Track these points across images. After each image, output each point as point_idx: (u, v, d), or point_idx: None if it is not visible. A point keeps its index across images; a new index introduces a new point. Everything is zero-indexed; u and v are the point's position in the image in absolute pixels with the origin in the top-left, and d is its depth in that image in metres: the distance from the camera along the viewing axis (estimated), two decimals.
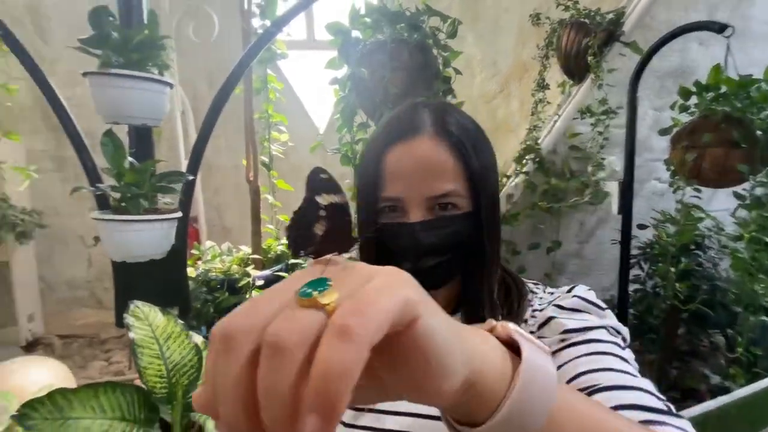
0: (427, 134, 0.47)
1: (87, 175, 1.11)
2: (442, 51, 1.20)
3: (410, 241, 0.47)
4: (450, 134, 0.46)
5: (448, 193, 0.46)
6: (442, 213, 0.47)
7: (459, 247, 0.48)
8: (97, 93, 0.94)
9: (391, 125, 0.50)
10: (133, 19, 1.07)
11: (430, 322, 0.20)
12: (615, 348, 0.40)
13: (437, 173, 0.46)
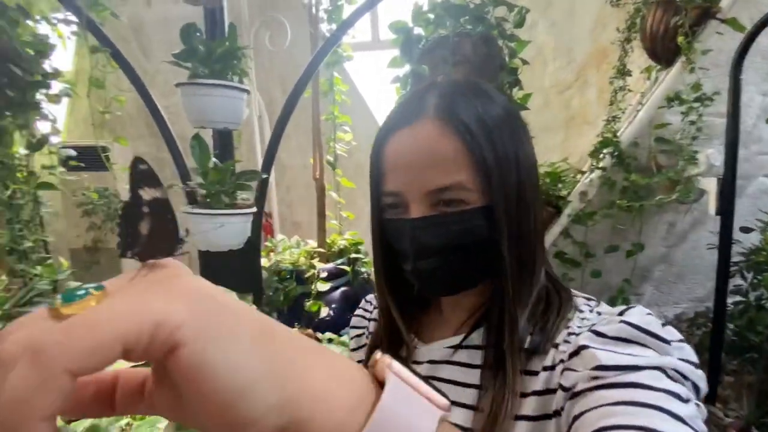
0: (429, 118, 0.40)
1: (179, 174, 1.25)
2: (508, 41, 1.16)
3: (407, 240, 0.42)
4: (456, 118, 0.40)
5: (450, 186, 0.40)
6: (445, 209, 0.40)
7: (466, 249, 0.41)
8: (187, 101, 1.06)
9: (395, 109, 0.44)
10: (216, 33, 1.19)
11: (200, 353, 0.16)
12: (669, 400, 0.28)
13: (438, 163, 0.39)
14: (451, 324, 0.47)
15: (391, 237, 0.44)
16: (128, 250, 0.23)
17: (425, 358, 0.46)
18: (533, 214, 0.42)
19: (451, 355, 0.44)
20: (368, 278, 1.93)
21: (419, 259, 0.42)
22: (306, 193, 3.08)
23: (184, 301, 0.16)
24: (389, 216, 0.44)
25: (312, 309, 1.59)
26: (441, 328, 0.48)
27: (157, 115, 1.20)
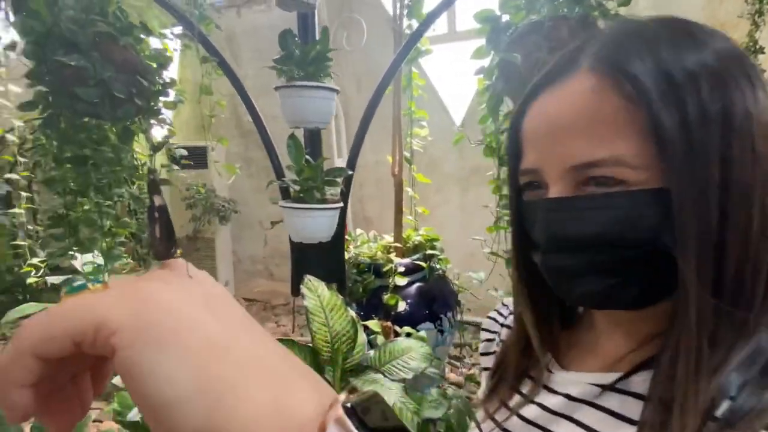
0: (580, 72, 0.31)
1: (274, 170, 1.35)
2: (610, 22, 1.06)
3: (540, 227, 0.33)
4: (621, 68, 0.29)
5: (603, 161, 0.29)
6: (594, 190, 0.30)
7: (619, 247, 0.29)
8: (285, 102, 1.14)
9: (544, 68, 0.35)
10: (308, 37, 1.25)
11: (131, 360, 0.16)
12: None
13: (588, 129, 0.29)
14: (606, 353, 0.35)
15: (527, 224, 0.36)
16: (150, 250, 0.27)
17: (562, 389, 0.36)
18: (756, 214, 0.27)
19: (597, 396, 0.33)
20: (443, 275, 1.92)
21: (549, 252, 0.33)
22: (376, 189, 3.15)
23: (131, 308, 0.17)
24: (527, 198, 0.36)
25: (390, 302, 1.63)
26: (589, 355, 0.37)
27: (255, 117, 1.30)
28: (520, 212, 0.37)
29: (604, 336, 0.36)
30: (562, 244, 0.32)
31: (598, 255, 0.31)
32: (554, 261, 0.33)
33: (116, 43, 1.31)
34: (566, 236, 0.32)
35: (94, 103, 1.26)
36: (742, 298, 0.28)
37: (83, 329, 0.16)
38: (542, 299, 0.39)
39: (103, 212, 1.36)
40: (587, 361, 0.37)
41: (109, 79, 1.26)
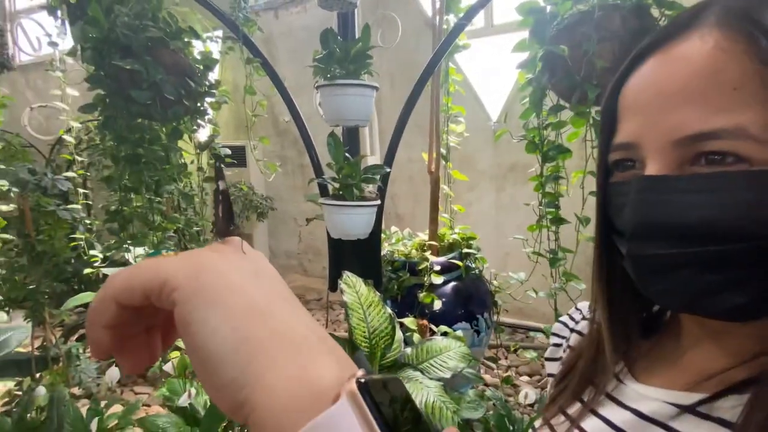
0: (707, 27, 0.26)
1: (313, 168, 1.37)
2: (666, 9, 1.00)
3: (630, 209, 0.28)
4: (754, 21, 0.24)
5: (720, 132, 0.24)
6: (703, 169, 0.25)
7: (732, 239, 0.24)
8: (326, 101, 1.15)
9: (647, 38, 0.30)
10: (348, 35, 1.26)
11: (187, 315, 0.19)
12: None
13: (704, 95, 0.25)
14: (692, 369, 0.30)
15: (613, 209, 0.31)
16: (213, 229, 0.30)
17: (632, 404, 0.31)
18: None
19: (672, 418, 0.28)
20: (479, 274, 1.89)
21: (638, 238, 0.28)
22: (409, 186, 3.14)
23: (190, 271, 0.20)
24: (615, 179, 0.31)
25: (425, 301, 1.62)
26: (671, 369, 0.32)
27: (296, 116, 1.33)
28: (607, 196, 0.32)
29: (692, 349, 0.31)
30: (656, 230, 0.27)
31: (702, 247, 0.25)
32: (643, 249, 0.27)
33: (167, 47, 1.38)
34: (662, 221, 0.26)
35: (147, 104, 1.33)
36: None
37: (152, 284, 0.20)
38: (622, 300, 0.34)
39: (154, 208, 1.44)
40: (667, 375, 0.31)
41: (161, 82, 1.33)
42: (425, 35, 2.85)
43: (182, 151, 1.53)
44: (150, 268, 0.20)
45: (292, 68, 3.11)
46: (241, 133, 3.71)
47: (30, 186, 1.45)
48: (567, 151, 1.20)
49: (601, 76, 1.03)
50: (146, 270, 0.20)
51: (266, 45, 3.33)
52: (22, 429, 1.30)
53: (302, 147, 3.58)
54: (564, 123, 1.27)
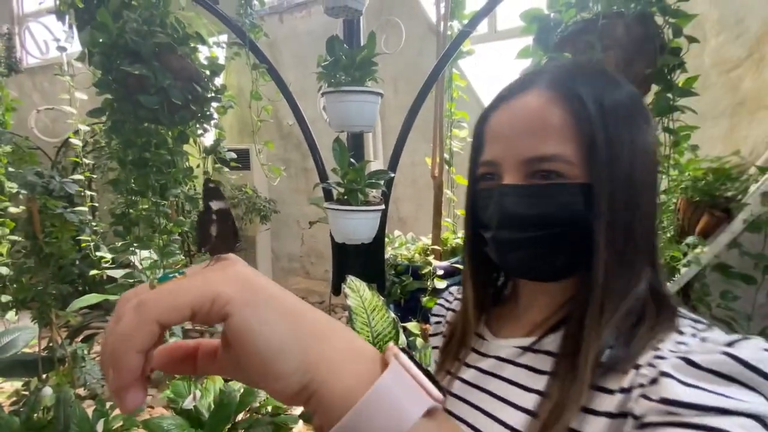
0: (538, 88, 0.39)
1: (318, 173, 1.38)
2: (671, 17, 1.01)
3: (494, 208, 0.41)
4: (570, 89, 0.38)
5: (550, 157, 0.37)
6: (540, 181, 0.39)
7: (555, 227, 0.38)
8: (331, 107, 1.16)
9: (501, 90, 0.43)
10: (353, 42, 1.28)
11: (245, 319, 0.21)
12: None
13: (541, 131, 0.38)
14: (526, 322, 0.45)
15: (480, 208, 0.44)
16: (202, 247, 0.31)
17: (494, 353, 0.45)
18: (643, 209, 0.39)
19: (518, 356, 0.42)
20: None
21: (501, 228, 0.41)
22: (411, 190, 3.15)
23: (234, 284, 0.22)
24: (481, 186, 0.44)
25: (428, 305, 1.62)
26: (515, 325, 0.46)
27: (301, 121, 1.34)
28: (474, 199, 0.45)
29: (526, 308, 0.46)
30: (513, 220, 0.40)
31: (538, 231, 0.39)
32: (504, 235, 0.41)
33: (174, 52, 1.40)
34: (517, 215, 0.40)
35: (155, 109, 1.35)
36: (628, 271, 0.37)
37: (202, 300, 0.21)
38: (484, 279, 0.48)
39: (160, 212, 1.45)
40: (514, 329, 0.46)
41: (169, 87, 1.34)
42: (429, 41, 2.86)
43: (188, 155, 1.55)
44: (196, 287, 0.22)
45: (296, 72, 3.13)
46: (245, 137, 3.74)
47: (38, 189, 1.47)
48: None
49: None
50: (193, 289, 0.21)
51: (270, 49, 3.36)
52: (29, 428, 1.31)
53: (305, 150, 3.59)
54: None
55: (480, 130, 0.44)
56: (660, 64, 1.03)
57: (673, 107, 1.07)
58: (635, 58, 1.03)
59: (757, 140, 1.59)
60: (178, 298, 0.21)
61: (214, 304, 0.21)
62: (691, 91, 1.06)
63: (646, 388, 0.31)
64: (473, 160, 0.45)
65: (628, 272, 0.37)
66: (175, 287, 0.22)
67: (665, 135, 1.13)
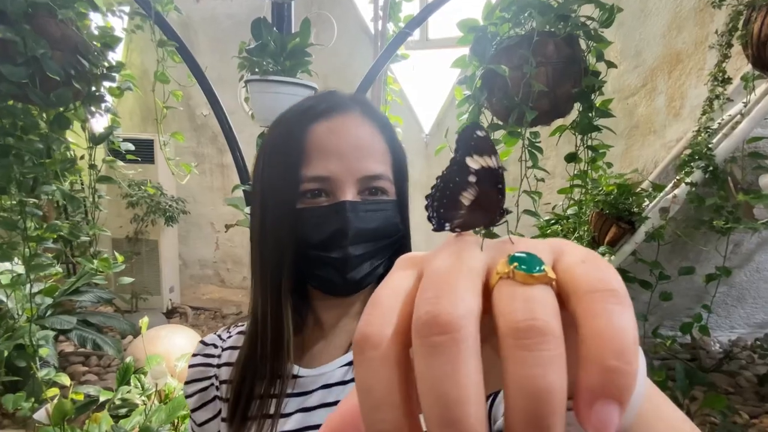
0: (355, 113, 0.43)
1: (238, 172, 1.22)
2: (594, 42, 1.07)
3: (340, 223, 0.40)
4: (377, 117, 0.44)
5: (380, 175, 0.43)
6: (369, 198, 0.43)
7: (386, 237, 0.44)
8: (256, 98, 1.02)
9: (310, 104, 0.44)
10: (283, 28, 1.15)
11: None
12: None
13: (370, 153, 0.42)
14: (341, 342, 0.45)
15: (309, 226, 0.41)
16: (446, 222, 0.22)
17: (316, 385, 0.43)
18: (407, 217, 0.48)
19: (347, 374, 0.43)
20: None
21: (350, 245, 0.41)
22: None
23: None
24: (306, 205, 0.41)
25: None
26: (328, 350, 0.45)
27: (218, 110, 1.17)
28: (299, 217, 0.41)
29: (333, 327, 0.45)
30: (359, 236, 0.41)
31: (373, 244, 0.42)
32: (352, 251, 0.41)
33: (53, 15, 1.12)
34: (362, 230, 0.41)
35: (22, 83, 1.06)
36: None
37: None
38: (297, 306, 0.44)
39: (27, 213, 1.15)
40: (330, 352, 0.44)
41: (43, 57, 1.07)
42: (362, 42, 2.80)
43: (70, 143, 1.26)
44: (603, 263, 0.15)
45: (213, 58, 2.82)
46: (149, 125, 3.28)
47: None
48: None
49: (537, 99, 1.07)
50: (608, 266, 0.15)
51: (185, 30, 3.00)
52: None
53: (222, 145, 3.29)
54: (498, 141, 1.30)
55: (298, 144, 0.41)
56: (584, 84, 1.09)
57: (594, 126, 1.14)
58: (564, 76, 1.08)
59: (647, 160, 1.82)
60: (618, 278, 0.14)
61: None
62: (608, 112, 1.15)
63: None
64: (290, 173, 0.41)
65: None
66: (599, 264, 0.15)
67: (585, 151, 1.21)
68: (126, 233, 2.72)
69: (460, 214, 0.22)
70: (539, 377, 0.12)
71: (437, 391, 0.12)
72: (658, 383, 1.53)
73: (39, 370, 1.32)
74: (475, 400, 0.12)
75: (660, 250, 1.39)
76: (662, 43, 1.69)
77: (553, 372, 0.12)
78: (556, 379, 0.12)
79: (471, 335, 0.13)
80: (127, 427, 1.14)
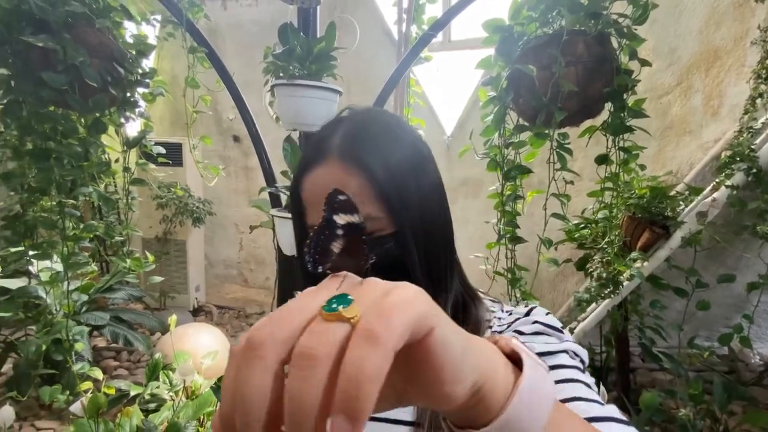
0: (333, 159, 0.45)
1: (264, 175, 1.24)
2: (627, 40, 1.04)
3: None
4: (358, 158, 0.44)
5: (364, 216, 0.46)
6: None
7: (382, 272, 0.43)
8: (283, 102, 1.04)
9: (307, 149, 0.49)
10: (309, 32, 1.16)
11: (444, 332, 0.22)
12: (578, 373, 0.40)
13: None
14: None
15: None
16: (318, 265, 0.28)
17: None
18: (440, 233, 0.47)
19: None
20: None
21: None
22: None
23: (425, 298, 0.22)
24: None
25: None
26: None
27: (245, 114, 1.20)
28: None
29: None
30: None
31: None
32: None
33: (91, 25, 1.17)
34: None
35: (63, 90, 1.12)
36: (443, 285, 0.46)
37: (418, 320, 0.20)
38: None
39: (66, 213, 1.21)
40: None
41: (82, 65, 1.12)
42: (384, 46, 2.81)
43: (106, 147, 1.32)
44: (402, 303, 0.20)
45: (239, 63, 2.89)
46: (177, 129, 3.38)
47: None
48: (528, 171, 1.20)
49: (566, 99, 1.04)
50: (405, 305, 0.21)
51: (212, 36, 3.08)
52: None
53: (247, 148, 3.35)
54: (524, 143, 1.28)
55: (297, 192, 0.48)
56: (617, 84, 1.06)
57: (627, 127, 1.10)
58: (595, 75, 1.05)
59: (682, 161, 1.74)
60: (401, 320, 0.19)
61: (422, 322, 0.21)
62: (642, 111, 1.11)
63: None
64: (299, 219, 0.49)
65: (443, 287, 0.47)
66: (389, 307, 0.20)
67: (617, 153, 1.17)
68: (155, 233, 2.82)
69: (331, 260, 0.27)
70: (296, 388, 0.17)
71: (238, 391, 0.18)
72: (694, 396, 1.46)
73: (74, 363, 1.38)
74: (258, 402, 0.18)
75: (696, 257, 1.32)
76: (699, 40, 1.62)
77: (308, 387, 0.17)
78: (307, 390, 0.17)
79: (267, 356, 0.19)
80: (156, 422, 1.17)
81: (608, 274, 1.35)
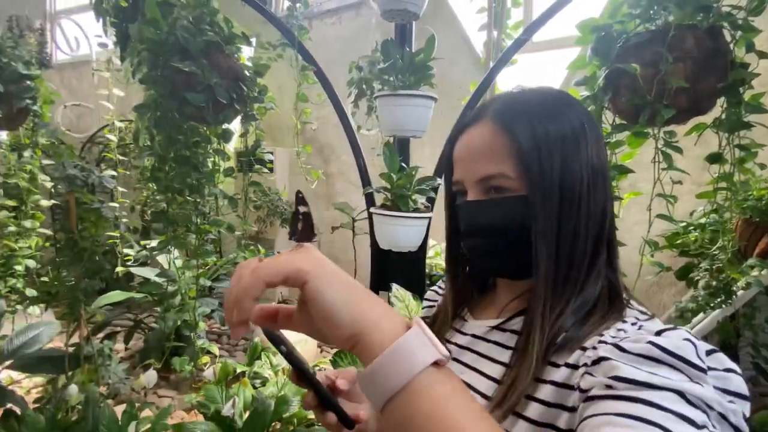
0: (486, 120, 0.48)
1: (361, 177, 1.35)
2: (742, 31, 0.98)
3: (461, 221, 0.51)
4: (507, 120, 0.46)
5: (495, 175, 0.46)
6: (493, 195, 0.47)
7: (506, 233, 0.47)
8: (384, 111, 1.14)
9: (466, 115, 0.53)
10: (404, 45, 1.26)
11: (317, 286, 0.31)
12: (678, 423, 0.29)
13: (484, 156, 0.47)
14: (498, 306, 0.53)
15: (457, 220, 0.52)
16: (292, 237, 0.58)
17: (470, 332, 0.53)
18: (583, 217, 0.45)
19: (488, 333, 0.51)
20: None
21: (467, 237, 0.50)
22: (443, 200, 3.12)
23: (311, 261, 0.32)
24: (458, 202, 0.52)
25: None
26: (490, 309, 0.54)
27: (346, 125, 1.32)
28: (454, 212, 0.53)
29: (499, 295, 0.54)
30: (475, 231, 0.49)
31: (494, 238, 0.48)
32: (470, 243, 0.51)
33: (222, 51, 1.39)
34: (477, 226, 0.49)
35: (200, 107, 1.34)
36: (570, 268, 0.45)
37: (291, 272, 0.31)
38: (461, 274, 0.58)
39: (198, 210, 1.43)
40: (490, 312, 0.54)
41: (215, 85, 1.33)
42: (460, 52, 2.86)
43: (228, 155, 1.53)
44: (289, 261, 0.31)
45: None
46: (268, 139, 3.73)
47: (78, 182, 1.45)
48: (629, 170, 1.17)
49: (673, 96, 1.01)
50: (286, 263, 0.31)
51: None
52: (55, 427, 1.28)
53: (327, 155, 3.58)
54: (622, 142, 1.24)
55: (449, 152, 0.52)
56: (732, 78, 1.00)
57: (744, 123, 1.03)
58: (706, 71, 1.00)
59: None
60: (278, 268, 0.31)
61: (299, 274, 0.31)
62: (761, 106, 1.03)
63: (590, 368, 0.37)
64: (447, 178, 0.53)
65: (574, 271, 0.45)
66: (276, 261, 0.31)
67: (732, 151, 1.09)
68: (250, 232, 3.14)
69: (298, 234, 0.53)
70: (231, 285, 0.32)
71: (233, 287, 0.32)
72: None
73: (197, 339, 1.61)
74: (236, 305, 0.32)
75: None
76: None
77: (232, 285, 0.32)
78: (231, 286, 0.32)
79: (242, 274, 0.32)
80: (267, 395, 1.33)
81: (719, 282, 1.25)
